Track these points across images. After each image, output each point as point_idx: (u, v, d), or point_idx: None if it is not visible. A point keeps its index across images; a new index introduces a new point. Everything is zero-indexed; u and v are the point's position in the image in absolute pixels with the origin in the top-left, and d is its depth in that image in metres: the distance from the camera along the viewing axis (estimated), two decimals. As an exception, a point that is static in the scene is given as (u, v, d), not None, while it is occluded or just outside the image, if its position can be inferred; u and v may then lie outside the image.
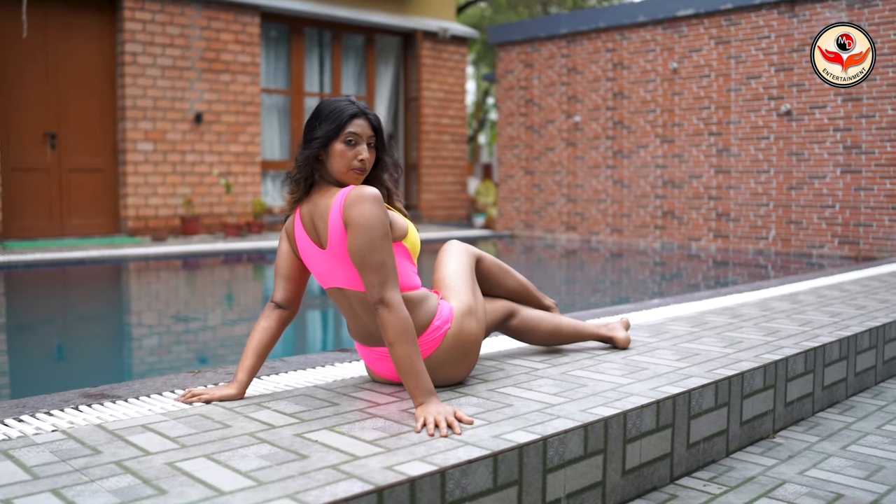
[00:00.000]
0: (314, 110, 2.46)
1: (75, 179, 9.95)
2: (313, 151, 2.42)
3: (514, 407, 2.32)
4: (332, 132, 2.39)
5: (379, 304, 2.25)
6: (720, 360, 2.92)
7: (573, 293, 7.24)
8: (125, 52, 10.00)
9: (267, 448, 1.99)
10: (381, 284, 2.26)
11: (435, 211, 13.79)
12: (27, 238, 9.41)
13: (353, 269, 2.38)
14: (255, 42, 11.29)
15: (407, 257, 2.53)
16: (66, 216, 9.90)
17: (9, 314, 6.26)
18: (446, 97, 13.84)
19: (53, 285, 7.58)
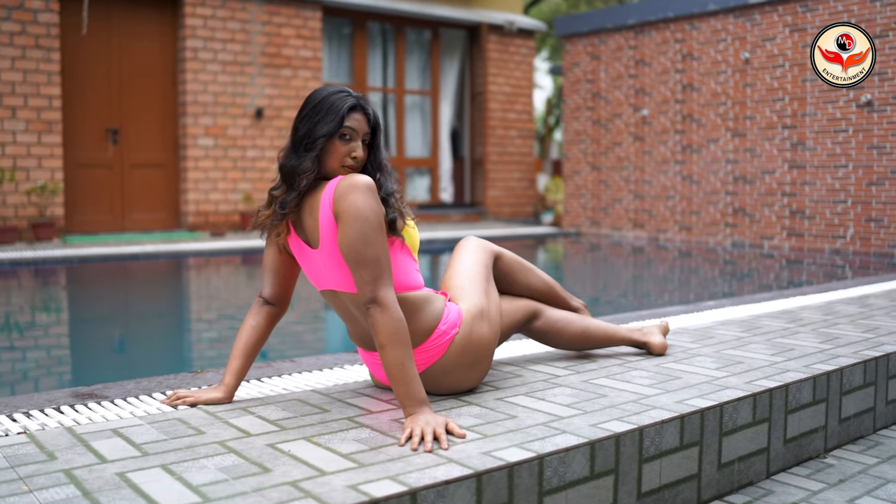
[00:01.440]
0: (309, 103, 2.21)
1: (137, 175, 10.05)
2: (317, 152, 2.17)
3: (518, 419, 2.09)
4: (333, 128, 2.16)
5: (371, 303, 2.05)
6: (764, 370, 2.62)
7: (635, 293, 6.92)
8: (186, 47, 10.05)
9: (231, 459, 1.81)
10: (373, 282, 2.05)
11: (501, 208, 13.54)
12: (89, 233, 9.54)
13: (344, 269, 2.17)
14: (316, 37, 11.24)
15: (407, 253, 2.32)
16: (128, 211, 10.01)
17: (58, 308, 6.30)
18: (513, 91, 13.57)
19: (107, 280, 7.64)
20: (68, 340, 5.13)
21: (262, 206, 2.30)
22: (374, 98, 12.56)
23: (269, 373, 2.74)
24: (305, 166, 2.17)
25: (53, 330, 5.40)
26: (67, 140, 9.39)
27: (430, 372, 2.30)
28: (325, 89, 2.23)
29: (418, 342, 2.27)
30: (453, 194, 13.60)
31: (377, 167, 2.29)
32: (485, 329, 2.37)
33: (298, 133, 2.20)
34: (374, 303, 2.04)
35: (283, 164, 2.23)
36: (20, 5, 8.74)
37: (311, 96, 2.23)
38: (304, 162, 2.18)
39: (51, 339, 5.08)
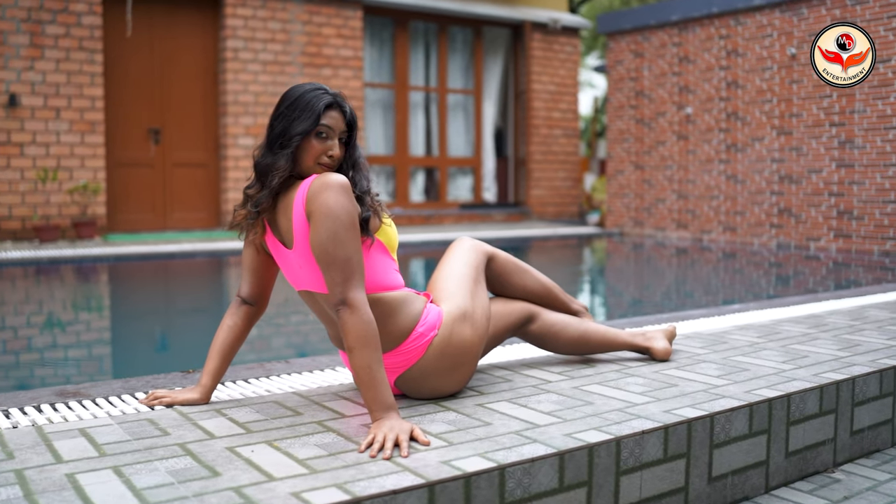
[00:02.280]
0: (285, 100, 2.15)
1: (178, 174, 10.17)
2: (292, 150, 2.11)
3: (491, 427, 2.01)
4: (309, 126, 2.11)
5: (340, 304, 1.98)
6: (768, 379, 2.49)
7: (672, 295, 6.75)
8: (226, 48, 10.14)
9: (185, 462, 1.77)
10: (343, 283, 1.99)
11: (546, 207, 13.39)
12: (131, 231, 9.69)
13: (317, 269, 2.11)
14: (357, 36, 11.25)
15: (384, 253, 2.25)
16: (169, 210, 10.14)
17: (88, 305, 6.38)
18: (557, 90, 13.41)
19: (143, 278, 7.73)
20: (96, 337, 5.19)
21: (238, 205, 2.25)
22: (416, 97, 12.53)
23: (258, 373, 2.70)
24: (279, 164, 2.12)
25: (74, 328, 5.46)
26: (110, 140, 9.55)
27: (408, 375, 2.23)
28: (301, 86, 2.18)
29: (395, 344, 2.20)
30: (497, 194, 13.50)
31: (352, 165, 2.23)
32: (467, 332, 2.28)
33: (274, 131, 2.15)
34: (343, 304, 1.98)
35: (258, 161, 2.18)
36: (65, 9, 8.92)
37: (287, 93, 2.18)
38: (278, 160, 2.12)
39: (69, 337, 5.14)
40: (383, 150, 12.26)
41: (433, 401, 2.27)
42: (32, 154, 8.84)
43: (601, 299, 6.91)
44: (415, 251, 9.60)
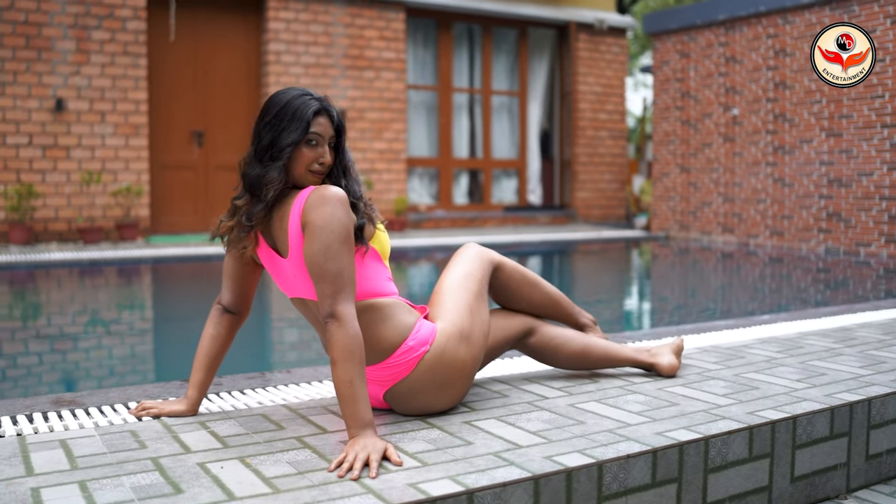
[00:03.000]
0: (271, 109, 2.10)
1: (221, 177, 10.28)
2: (284, 161, 2.07)
3: (471, 447, 1.95)
4: (299, 136, 2.06)
5: (329, 317, 1.94)
6: (777, 399, 2.38)
7: (711, 301, 6.58)
8: (269, 51, 10.22)
9: (152, 478, 1.75)
10: (333, 296, 1.95)
11: (591, 210, 13.23)
12: (174, 233, 9.82)
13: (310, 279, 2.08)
14: (400, 38, 11.24)
15: (377, 260, 2.21)
16: (211, 212, 10.25)
17: (119, 306, 6.47)
18: (604, 91, 13.23)
19: (179, 279, 7.82)
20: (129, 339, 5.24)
21: (224, 216, 2.22)
22: (460, 99, 12.48)
23: (257, 383, 2.68)
24: (272, 176, 2.07)
25: (104, 330, 5.53)
26: (153, 143, 9.70)
27: (396, 390, 2.18)
28: (286, 93, 2.14)
29: (382, 356, 2.15)
30: (542, 196, 13.38)
31: (343, 171, 2.20)
32: (461, 352, 2.21)
33: (262, 141, 2.10)
34: (331, 317, 1.94)
35: (247, 173, 2.13)
36: (110, 14, 9.08)
37: (271, 101, 2.13)
38: (269, 172, 2.08)
39: (100, 339, 5.20)
40: (427, 152, 12.24)
41: (420, 417, 2.22)
42: (78, 157, 9.02)
43: (640, 305, 6.77)
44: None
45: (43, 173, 8.83)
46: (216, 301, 2.28)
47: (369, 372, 2.17)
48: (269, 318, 5.83)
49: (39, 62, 8.74)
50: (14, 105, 8.65)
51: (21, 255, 7.75)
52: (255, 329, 5.50)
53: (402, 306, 2.21)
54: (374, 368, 2.16)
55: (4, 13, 8.58)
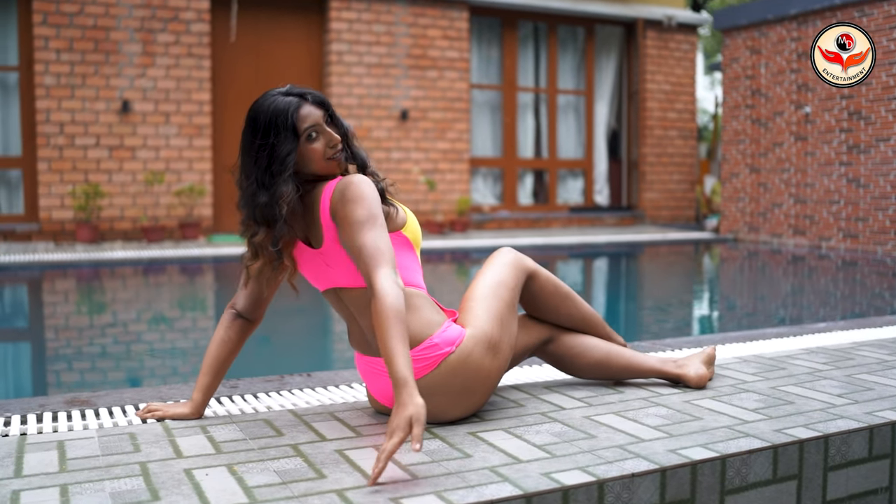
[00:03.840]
0: (254, 122, 2.03)
1: (285, 176, 10.37)
2: (290, 171, 2.01)
3: (469, 460, 1.86)
4: (294, 143, 2.01)
5: (375, 277, 1.87)
6: (811, 415, 2.21)
7: (774, 307, 6.33)
8: (331, 51, 10.28)
9: (133, 483, 1.72)
10: (374, 266, 1.89)
11: (659, 211, 12.93)
12: (236, 232, 9.94)
13: (348, 264, 2.05)
14: (463, 37, 11.17)
15: (409, 248, 2.16)
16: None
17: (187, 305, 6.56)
18: (673, 90, 12.92)
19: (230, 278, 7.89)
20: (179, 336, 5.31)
21: (247, 258, 2.13)
22: (524, 98, 12.34)
23: (273, 386, 2.63)
24: (282, 191, 2.00)
25: (157, 328, 5.61)
26: (217, 143, 9.84)
27: None
28: (264, 103, 2.05)
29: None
30: (609, 197, 13.14)
31: (346, 138, 2.17)
32: (487, 360, 2.13)
33: (261, 165, 2.02)
34: (378, 277, 1.87)
35: (256, 205, 2.03)
36: (175, 17, 9.25)
37: (254, 116, 2.04)
38: (278, 188, 2.01)
39: (151, 336, 5.27)
40: (491, 151, 12.14)
41: (428, 425, 2.13)
42: (143, 157, 9.22)
43: (694, 310, 6.55)
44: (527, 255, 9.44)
45: (109, 173, 9.05)
46: (229, 305, 2.24)
47: (383, 363, 2.09)
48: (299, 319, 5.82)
49: (107, 65, 8.97)
50: (83, 107, 8.89)
51: (86, 253, 7.95)
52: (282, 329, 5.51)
53: (431, 303, 2.15)
54: None
55: (74, 18, 8.83)
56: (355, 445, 1.97)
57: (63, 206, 8.85)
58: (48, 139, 8.78)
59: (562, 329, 2.50)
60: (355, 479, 1.74)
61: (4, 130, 9.03)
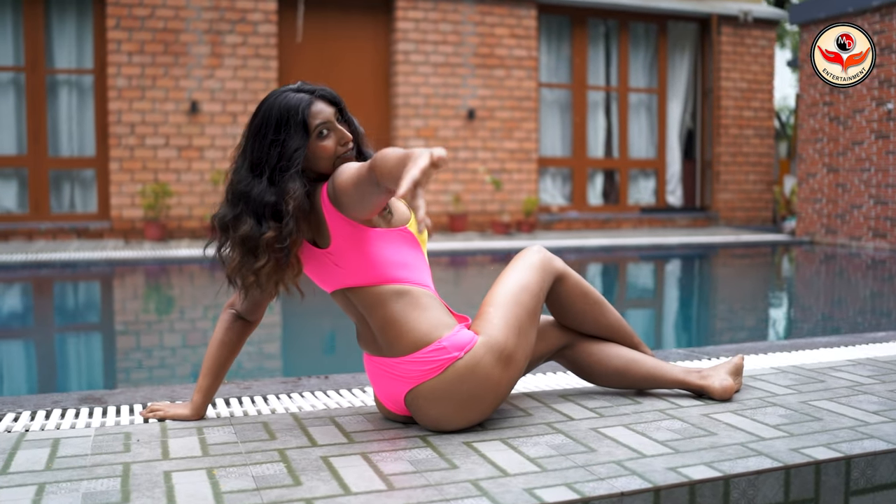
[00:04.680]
0: (260, 118, 2.00)
1: (350, 175, 10.43)
2: (297, 167, 1.96)
3: (453, 472, 1.79)
4: (304, 139, 1.96)
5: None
6: (838, 433, 2.06)
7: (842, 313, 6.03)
8: (397, 51, 10.29)
9: (109, 484, 1.71)
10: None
11: (734, 212, 12.54)
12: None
13: (357, 263, 2.00)
14: (531, 36, 11.04)
15: (414, 245, 2.10)
16: (341, 210, 10.43)
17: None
18: (749, 87, 12.50)
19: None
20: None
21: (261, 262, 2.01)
22: (595, 97, 12.13)
23: (285, 389, 2.61)
24: (290, 187, 1.95)
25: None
26: (285, 143, 9.97)
27: (418, 391, 2.02)
28: (274, 100, 2.01)
29: (412, 348, 2.01)
30: (682, 197, 12.80)
31: (358, 137, 2.13)
32: (497, 371, 2.04)
33: (270, 162, 1.97)
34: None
35: (265, 201, 1.97)
36: (242, 19, 9.41)
37: (263, 111, 2.01)
38: (285, 184, 1.96)
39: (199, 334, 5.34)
40: (560, 151, 11.97)
41: (425, 433, 2.06)
42: (211, 157, 9.41)
43: (759, 316, 6.30)
44: (589, 256, 9.30)
45: (178, 173, 9.27)
46: (227, 305, 2.21)
47: (395, 363, 2.03)
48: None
49: (176, 66, 9.18)
50: (153, 108, 9.13)
51: (153, 251, 8.15)
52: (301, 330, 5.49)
53: (440, 304, 2.09)
54: (401, 360, 2.02)
55: (146, 22, 9.07)
56: (343, 452, 1.92)
57: (133, 204, 9.10)
58: (119, 139, 9.05)
59: (582, 335, 2.40)
60: (330, 488, 1.69)
61: (80, 131, 9.35)
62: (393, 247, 2.04)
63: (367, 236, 2.00)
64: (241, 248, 2.00)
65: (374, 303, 2.03)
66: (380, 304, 2.02)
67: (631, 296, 7.09)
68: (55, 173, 9.32)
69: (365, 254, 2.00)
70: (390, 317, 2.01)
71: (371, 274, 2.02)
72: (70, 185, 9.42)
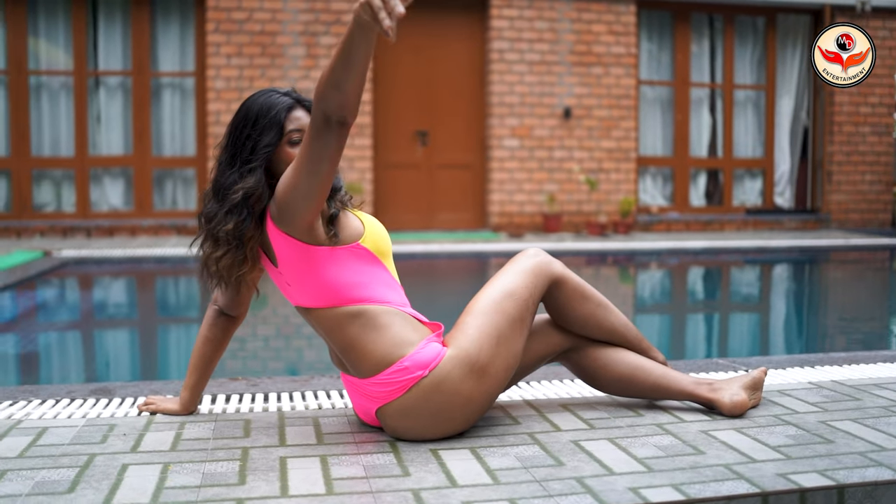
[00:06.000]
0: (242, 113, 2.01)
1: (444, 175, 10.45)
2: (259, 163, 1.96)
3: (403, 480, 1.75)
4: (275, 137, 1.97)
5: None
6: (845, 459, 1.89)
7: None
8: (492, 49, 10.23)
9: (63, 474, 1.78)
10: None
11: (848, 214, 11.84)
12: (397, 230, 10.12)
13: (304, 286, 1.98)
14: (631, 32, 10.76)
15: (370, 261, 2.02)
16: (435, 211, 10.46)
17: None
18: (866, 82, 11.76)
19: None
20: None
21: (217, 250, 2.04)
22: (698, 94, 11.70)
23: (293, 387, 2.61)
24: (247, 179, 1.95)
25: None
26: (377, 143, 10.08)
27: (385, 410, 1.99)
28: (257, 97, 2.02)
29: (373, 371, 1.97)
30: (792, 199, 12.19)
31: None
32: (467, 385, 1.97)
33: (241, 156, 1.98)
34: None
35: (229, 192, 1.98)
36: (337, 20, 9.57)
37: (244, 107, 2.02)
38: (245, 178, 1.96)
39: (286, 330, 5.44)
40: (660, 150, 11.62)
41: (389, 439, 2.02)
42: (306, 155, 9.61)
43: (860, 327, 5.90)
44: (690, 259, 9.02)
45: (275, 171, 9.52)
46: (212, 301, 2.23)
47: (362, 383, 2.01)
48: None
49: (273, 68, 9.43)
50: (251, 108, 9.41)
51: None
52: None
53: (403, 318, 2.01)
54: (365, 382, 2.00)
55: (244, 25, 9.36)
56: (305, 454, 1.91)
57: (231, 201, 9.40)
58: (218, 139, 9.35)
59: (583, 340, 2.29)
60: (269, 489, 1.67)
61: (182, 132, 9.73)
62: (343, 267, 1.97)
63: (314, 259, 1.94)
64: (211, 239, 2.02)
65: (331, 327, 1.98)
66: (336, 327, 1.98)
67: (735, 300, 6.80)
68: (158, 172, 9.74)
69: (314, 277, 1.96)
70: (348, 341, 1.97)
71: (322, 296, 1.97)
72: (172, 183, 9.82)
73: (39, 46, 9.32)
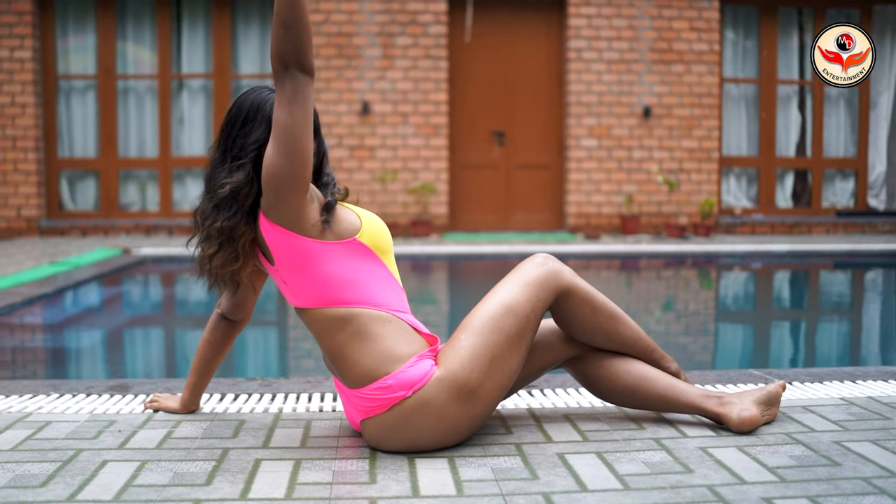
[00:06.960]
0: (233, 111, 2.01)
1: (521, 176, 10.37)
2: (248, 159, 1.95)
3: (370, 487, 1.73)
4: (264, 133, 1.95)
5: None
6: (845, 485, 1.77)
7: None
8: (569, 48, 10.09)
9: (40, 468, 1.82)
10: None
11: (952, 219, 11.20)
12: (472, 231, 10.11)
13: (297, 282, 1.96)
14: (714, 28, 10.44)
15: (369, 257, 1.98)
16: (511, 211, 10.39)
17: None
18: (975, 78, 11.10)
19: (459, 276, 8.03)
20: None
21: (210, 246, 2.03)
22: (786, 91, 11.26)
23: (306, 389, 2.63)
24: (234, 174, 1.95)
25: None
26: (453, 143, 10.08)
27: (366, 424, 1.96)
28: (248, 93, 2.03)
29: (357, 384, 1.93)
30: (887, 200, 11.60)
31: (321, 158, 2.10)
32: (453, 409, 1.90)
33: (232, 153, 1.98)
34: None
35: (218, 189, 1.98)
36: (413, 21, 9.62)
37: (235, 104, 2.03)
38: (233, 172, 1.96)
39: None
40: (745, 150, 11.23)
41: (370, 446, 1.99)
42: (381, 157, 9.70)
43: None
44: (775, 263, 8.72)
45: (350, 172, 9.64)
46: (217, 305, 2.25)
47: (348, 391, 1.98)
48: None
49: (349, 69, 9.55)
50: (327, 110, 9.55)
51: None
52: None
53: (397, 328, 1.95)
54: (351, 391, 1.97)
55: (321, 27, 9.51)
56: (282, 457, 1.91)
57: (306, 201, 9.56)
58: (294, 139, 9.53)
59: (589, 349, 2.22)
60: (230, 491, 1.68)
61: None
62: (338, 263, 1.93)
63: (307, 253, 1.91)
64: (204, 237, 2.01)
65: (321, 330, 1.95)
66: (326, 331, 1.94)
67: (819, 306, 6.53)
68: (238, 172, 10.01)
69: (308, 273, 1.92)
70: (336, 348, 1.93)
71: (315, 295, 1.93)
72: (250, 182, 10.08)
73: (127, 51, 9.70)
